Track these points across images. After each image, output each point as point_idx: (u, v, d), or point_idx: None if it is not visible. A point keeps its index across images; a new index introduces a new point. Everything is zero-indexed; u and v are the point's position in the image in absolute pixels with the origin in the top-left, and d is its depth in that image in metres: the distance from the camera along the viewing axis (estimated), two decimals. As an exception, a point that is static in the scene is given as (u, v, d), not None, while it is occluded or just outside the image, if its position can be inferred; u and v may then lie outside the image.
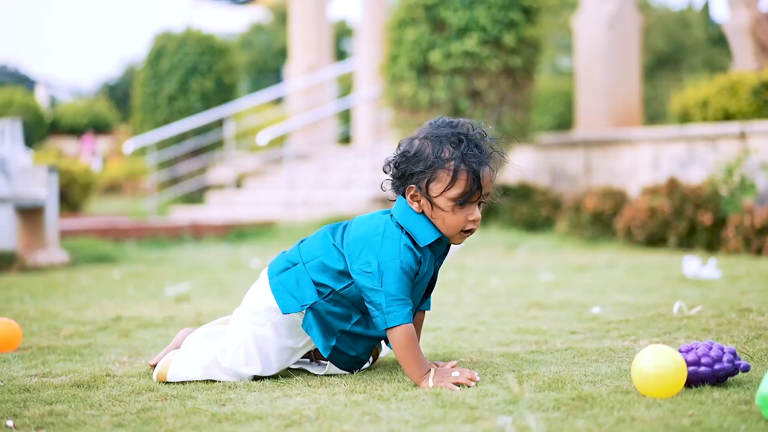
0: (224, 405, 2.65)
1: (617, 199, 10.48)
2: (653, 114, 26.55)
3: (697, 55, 31.04)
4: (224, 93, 15.15)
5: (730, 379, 2.69)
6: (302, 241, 3.14)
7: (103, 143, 29.72)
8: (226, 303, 5.50)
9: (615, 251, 9.41)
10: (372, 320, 2.99)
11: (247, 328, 3.06)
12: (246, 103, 16.75)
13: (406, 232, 2.94)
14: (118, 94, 39.29)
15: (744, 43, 11.70)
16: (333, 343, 3.02)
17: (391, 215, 3.00)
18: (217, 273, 7.73)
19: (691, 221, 9.41)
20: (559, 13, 29.01)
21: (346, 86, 21.90)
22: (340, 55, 33.18)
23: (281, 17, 38.10)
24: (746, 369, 2.68)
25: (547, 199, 11.59)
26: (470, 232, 2.97)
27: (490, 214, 11.49)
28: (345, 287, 2.97)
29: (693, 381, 2.63)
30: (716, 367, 2.62)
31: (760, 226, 8.88)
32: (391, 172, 3.01)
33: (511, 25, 11.02)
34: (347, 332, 3.02)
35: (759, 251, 8.83)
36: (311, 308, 3.00)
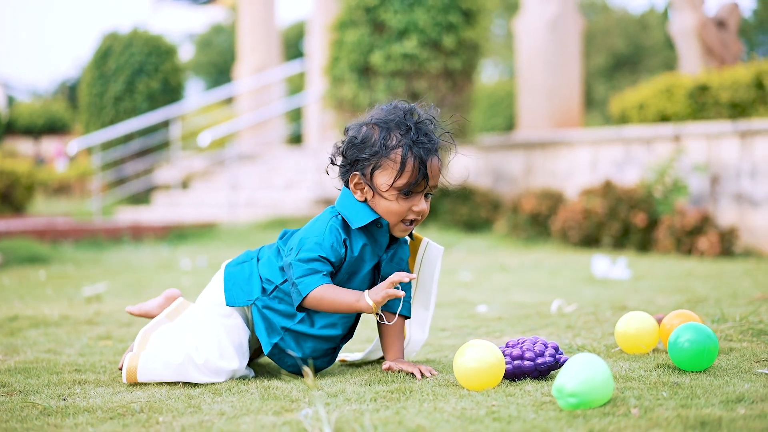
0: (65, 399, 2.70)
1: (554, 200, 10.61)
2: (609, 115, 26.80)
3: (656, 57, 31.35)
4: (170, 93, 15.15)
5: (553, 372, 2.78)
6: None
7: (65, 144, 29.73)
8: (136, 302, 5.55)
9: (548, 252, 9.52)
10: (318, 319, 2.95)
11: (216, 320, 2.99)
12: (194, 104, 16.76)
13: (342, 218, 2.89)
14: (77, 93, 39.10)
15: (690, 46, 11.87)
16: (275, 340, 2.97)
17: (335, 205, 2.96)
18: (143, 273, 7.76)
19: (624, 222, 9.55)
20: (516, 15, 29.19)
21: (297, 86, 21.95)
22: (300, 55, 33.20)
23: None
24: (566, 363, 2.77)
25: (487, 200, 11.71)
26: (413, 223, 2.89)
27: (429, 215, 11.59)
28: (284, 281, 2.94)
29: (517, 374, 2.72)
30: (538, 361, 2.71)
31: (690, 228, 9.03)
32: (339, 160, 2.94)
33: (450, 27, 11.12)
34: (291, 330, 2.97)
35: (689, 252, 8.98)
36: (255, 304, 2.98)
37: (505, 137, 12.72)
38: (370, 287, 2.98)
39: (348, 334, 3.07)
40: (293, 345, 2.98)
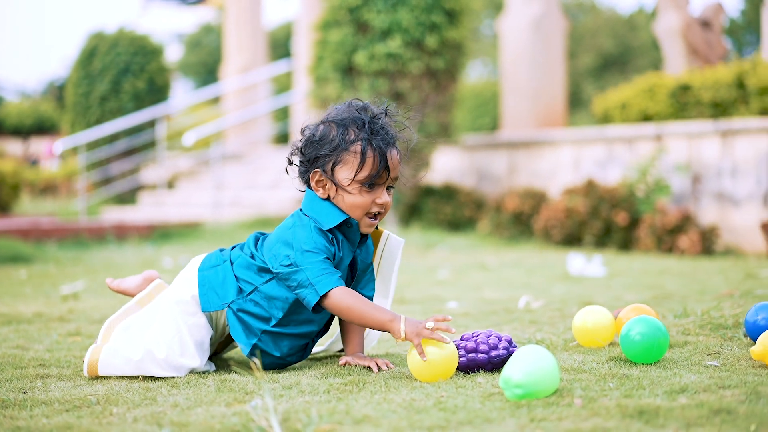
0: (25, 393, 2.73)
1: (537, 200, 10.66)
2: (593, 115, 26.85)
3: (644, 57, 31.43)
4: (157, 93, 15.15)
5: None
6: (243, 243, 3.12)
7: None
8: (111, 301, 5.58)
9: (530, 251, 9.56)
10: (295, 319, 2.96)
11: (179, 317, 3.01)
12: (180, 104, 16.75)
13: (314, 220, 2.91)
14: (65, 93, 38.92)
15: (675, 46, 11.93)
16: (254, 341, 2.98)
17: (301, 209, 2.99)
18: (124, 272, 7.78)
19: (606, 221, 9.61)
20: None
21: (285, 86, 21.98)
22: (288, 55, 33.24)
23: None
24: (519, 355, 2.82)
25: (471, 199, 11.75)
26: (377, 217, 2.93)
27: (413, 214, 11.63)
28: (266, 281, 2.95)
29: (471, 367, 2.76)
30: (492, 353, 2.75)
31: (671, 226, 9.09)
32: (298, 159, 2.98)
33: (433, 27, 11.15)
34: (268, 332, 2.98)
35: (670, 250, 9.04)
36: (230, 307, 2.99)
37: (488, 137, 12.77)
38: (347, 284, 3.01)
39: (323, 330, 3.11)
40: (271, 345, 2.98)
